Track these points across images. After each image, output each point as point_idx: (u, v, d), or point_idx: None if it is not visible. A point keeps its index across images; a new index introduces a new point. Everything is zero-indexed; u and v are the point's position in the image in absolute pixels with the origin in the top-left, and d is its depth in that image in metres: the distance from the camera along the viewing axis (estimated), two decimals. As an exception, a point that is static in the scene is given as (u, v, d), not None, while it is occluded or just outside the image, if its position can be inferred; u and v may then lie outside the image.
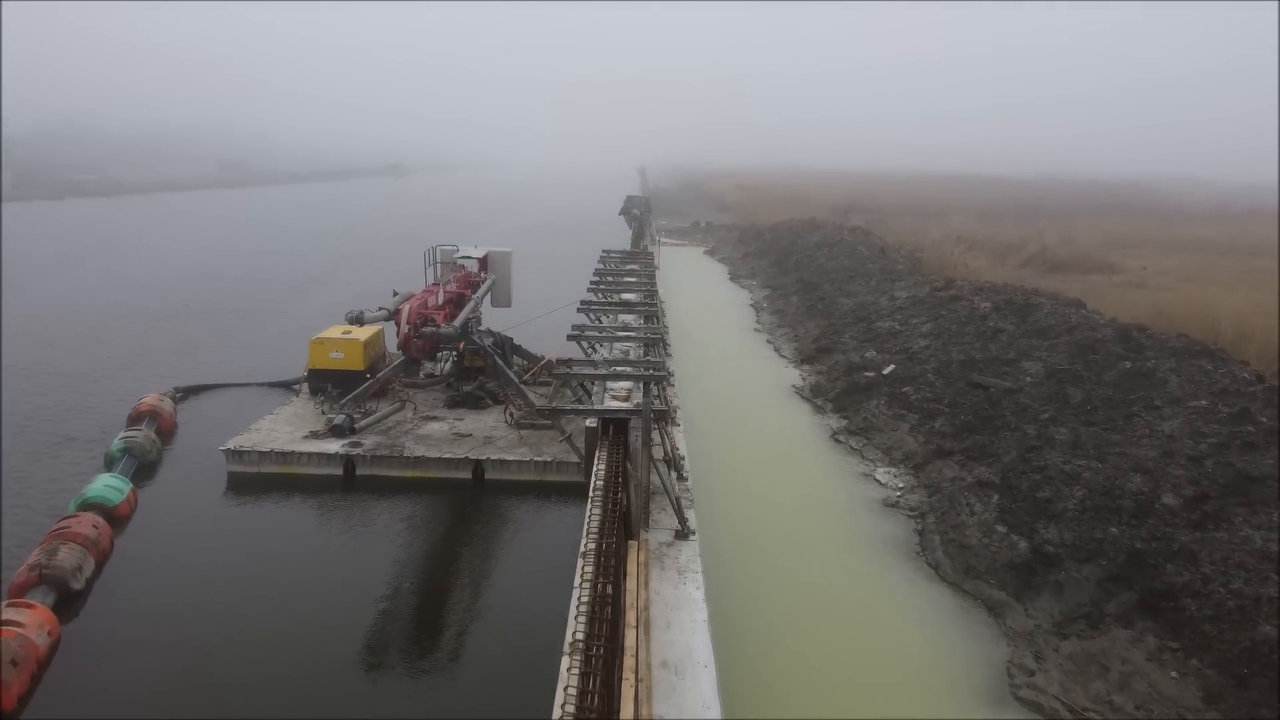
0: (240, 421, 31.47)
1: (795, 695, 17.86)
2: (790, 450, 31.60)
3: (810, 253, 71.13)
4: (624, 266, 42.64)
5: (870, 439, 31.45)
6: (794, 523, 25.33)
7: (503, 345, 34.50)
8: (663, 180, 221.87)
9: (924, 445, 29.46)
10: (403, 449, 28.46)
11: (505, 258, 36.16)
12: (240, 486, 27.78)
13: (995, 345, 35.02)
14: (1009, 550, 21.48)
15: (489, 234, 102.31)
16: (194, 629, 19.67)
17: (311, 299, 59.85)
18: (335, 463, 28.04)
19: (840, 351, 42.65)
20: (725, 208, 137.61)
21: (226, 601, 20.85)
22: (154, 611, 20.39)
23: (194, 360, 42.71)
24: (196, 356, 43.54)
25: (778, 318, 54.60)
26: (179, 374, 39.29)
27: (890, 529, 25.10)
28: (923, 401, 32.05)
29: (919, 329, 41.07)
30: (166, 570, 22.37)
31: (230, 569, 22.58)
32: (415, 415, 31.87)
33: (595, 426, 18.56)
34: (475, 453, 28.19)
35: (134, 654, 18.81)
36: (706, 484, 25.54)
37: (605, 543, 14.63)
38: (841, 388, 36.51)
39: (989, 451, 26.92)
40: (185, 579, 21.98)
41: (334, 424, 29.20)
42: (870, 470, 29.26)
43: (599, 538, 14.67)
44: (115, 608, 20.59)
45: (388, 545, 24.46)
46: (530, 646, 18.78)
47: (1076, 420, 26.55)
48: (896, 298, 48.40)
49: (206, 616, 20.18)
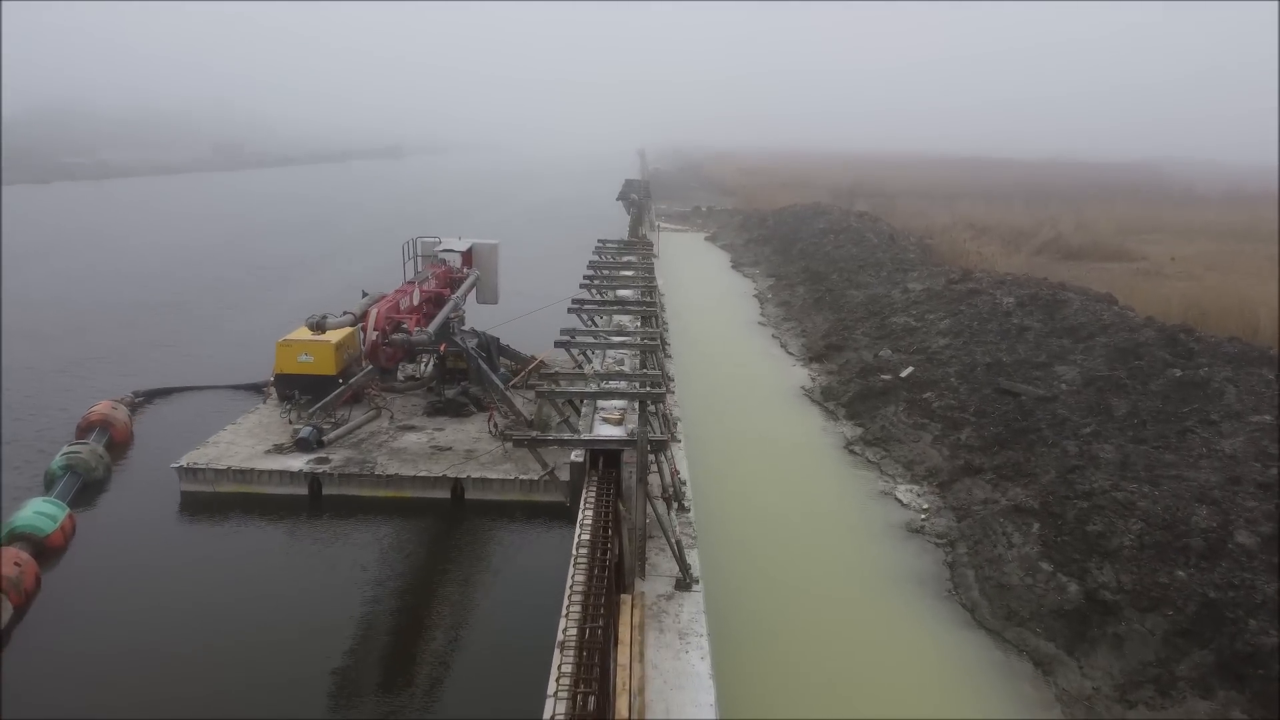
0: (206, 429, 28.85)
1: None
2: (802, 463, 28.90)
3: (816, 240, 68.23)
4: (620, 258, 39.85)
5: (889, 451, 28.75)
6: (810, 555, 22.65)
7: (488, 346, 31.77)
8: (662, 163, 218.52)
9: (949, 460, 26.74)
10: (374, 465, 25.77)
11: (491, 250, 33.35)
12: (195, 508, 25.10)
13: (1023, 346, 32.26)
14: (1057, 593, 18.80)
15: (484, 219, 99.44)
16: (130, 684, 17.06)
17: (299, 288, 57.05)
18: (299, 481, 25.35)
19: (852, 349, 39.89)
20: (726, 191, 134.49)
21: (167, 649, 18.23)
22: (83, 663, 17.76)
23: (163, 358, 39.96)
24: (166, 354, 40.77)
25: (783, 310, 51.81)
26: (144, 374, 36.58)
27: (916, 560, 22.42)
28: (946, 409, 29.31)
29: (936, 325, 38.30)
30: (100, 613, 19.68)
31: (174, 609, 19.95)
32: (391, 425, 29.17)
33: (582, 460, 15.86)
34: (455, 470, 25.50)
35: None
36: (711, 510, 22.88)
37: (590, 621, 11.94)
38: (855, 391, 33.77)
39: (1024, 470, 24.21)
40: (122, 622, 19.35)
41: (299, 437, 26.51)
42: (890, 487, 26.56)
43: (582, 616, 11.92)
44: (37, 662, 17.93)
45: (355, 578, 21.80)
46: (511, 701, 16.19)
47: (1123, 436, 23.83)
48: (910, 290, 45.59)
49: (144, 667, 17.61)
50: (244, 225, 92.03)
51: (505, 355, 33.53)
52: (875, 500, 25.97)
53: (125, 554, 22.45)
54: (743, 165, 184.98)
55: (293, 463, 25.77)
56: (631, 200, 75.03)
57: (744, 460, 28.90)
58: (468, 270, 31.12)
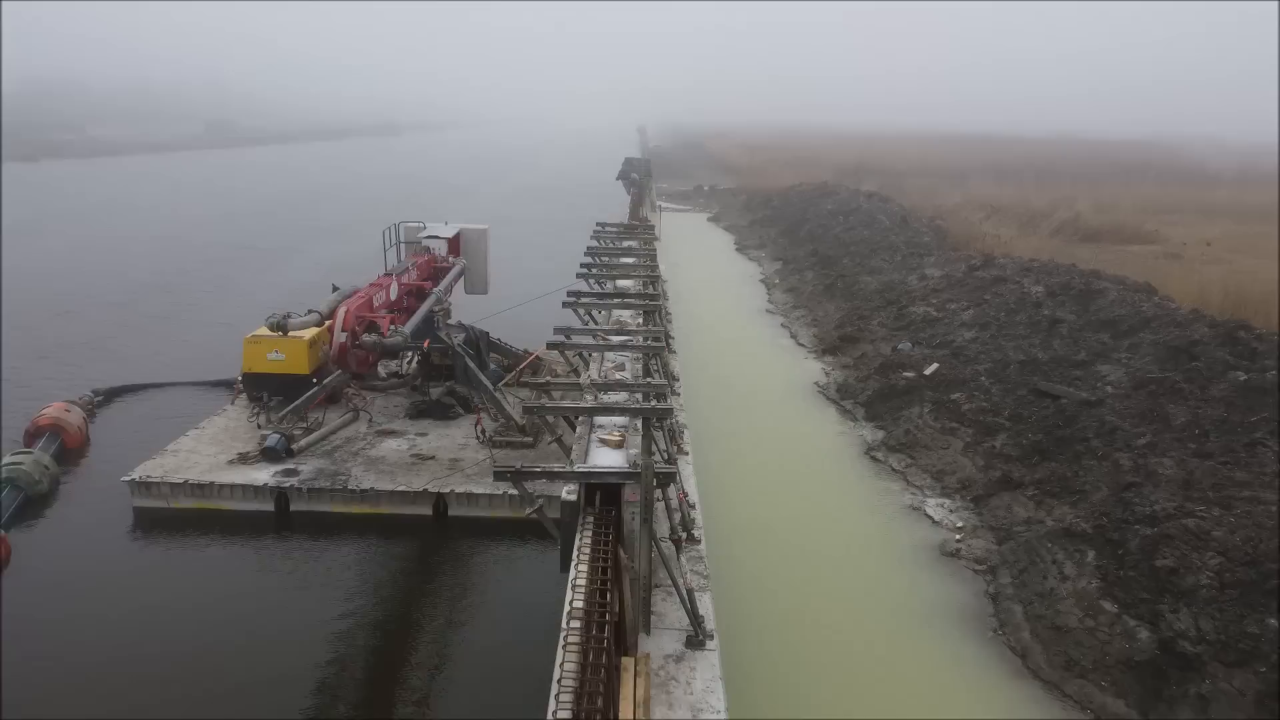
0: (170, 432, 26.36)
1: None
2: (819, 472, 26.40)
3: (824, 221, 65.49)
4: (620, 243, 37.19)
5: (915, 458, 26.23)
6: (834, 586, 20.16)
7: (476, 342, 29.16)
8: (662, 140, 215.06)
9: (984, 471, 24.23)
10: (348, 478, 23.25)
11: (480, 236, 30.71)
12: (149, 526, 22.62)
13: (1058, 341, 29.70)
14: (1125, 641, 16.33)
15: (479, 199, 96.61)
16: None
17: (284, 271, 54.44)
18: (264, 496, 22.83)
19: (868, 341, 37.31)
20: (728, 170, 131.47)
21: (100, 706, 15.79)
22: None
23: (133, 349, 37.43)
24: (135, 346, 38.18)
25: (792, 297, 49.16)
26: (111, 368, 34.03)
27: (953, 590, 19.96)
28: (977, 412, 26.78)
29: (959, 316, 35.71)
30: (33, 654, 17.22)
31: (118, 646, 17.60)
32: (370, 429, 26.65)
33: (575, 499, 13.33)
34: (437, 483, 22.98)
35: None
36: (723, 533, 20.39)
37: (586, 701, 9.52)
38: (875, 389, 31.21)
39: (1071, 486, 21.71)
40: (58, 662, 16.94)
41: (265, 445, 23.98)
42: (919, 501, 24.07)
43: (575, 700, 9.51)
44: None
45: (322, 613, 19.33)
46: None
47: (1183, 449, 21.31)
48: (928, 276, 42.98)
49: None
50: (230, 205, 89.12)
51: (496, 351, 30.94)
52: (902, 516, 23.47)
53: (67, 582, 19.93)
54: (744, 142, 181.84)
55: (258, 475, 23.25)
56: (632, 179, 72.10)
57: (757, 470, 26.39)
58: (453, 259, 28.47)
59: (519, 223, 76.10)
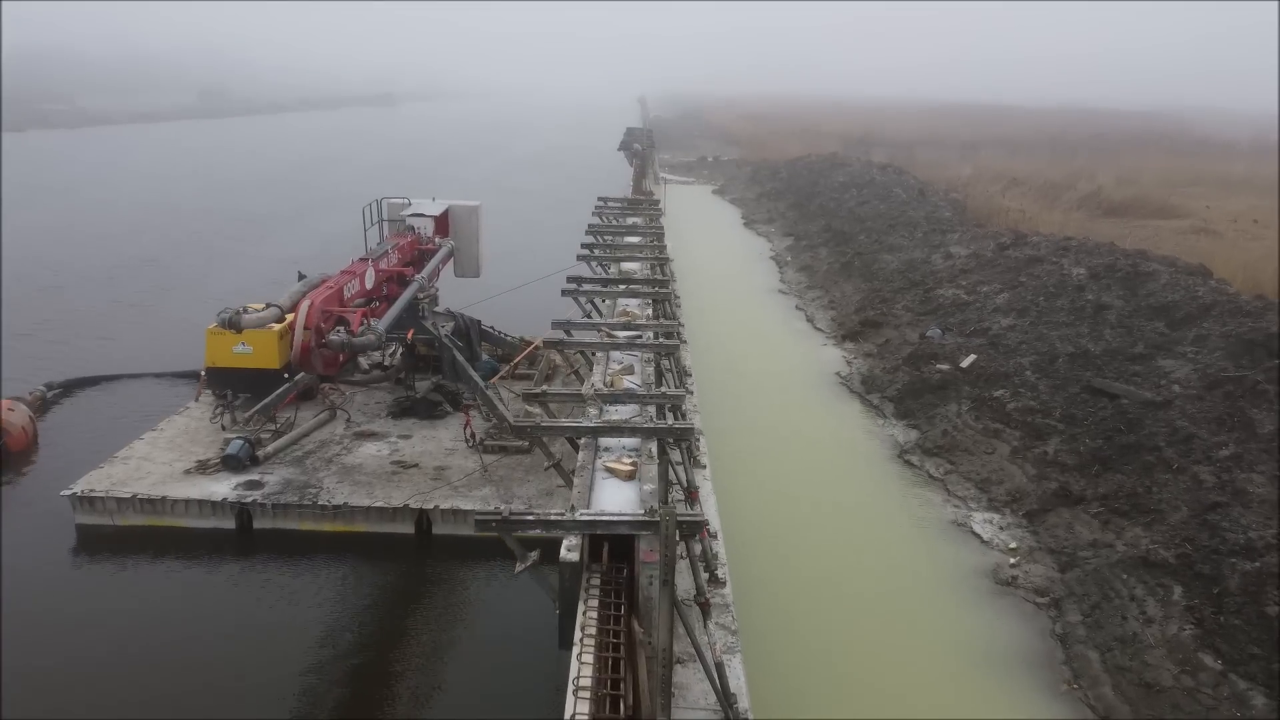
0: (127, 433, 23.70)
1: None
2: (850, 481, 23.70)
3: (836, 195, 62.44)
4: (624, 220, 34.35)
5: (955, 464, 23.50)
6: (879, 626, 17.49)
7: (467, 331, 26.46)
8: (663, 110, 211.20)
9: (1037, 481, 21.52)
10: (319, 491, 20.53)
11: (471, 214, 27.80)
12: (93, 546, 19.95)
13: (1109, 331, 26.91)
14: (1235, 707, 13.69)
15: (477, 169, 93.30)
16: None
17: (274, 245, 51.54)
18: (224, 513, 20.14)
19: (892, 326, 34.50)
20: (731, 140, 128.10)
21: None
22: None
23: (99, 337, 34.60)
24: (103, 332, 35.37)
25: (806, 276, 46.26)
26: (71, 359, 31.28)
27: (1014, 628, 17.31)
28: (1024, 412, 24.03)
29: (992, 300, 32.89)
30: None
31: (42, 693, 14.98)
32: (348, 430, 23.95)
33: (577, 558, 10.61)
34: (420, 498, 20.27)
35: None
36: (748, 567, 17.73)
37: None
38: (905, 383, 28.44)
39: (1143, 504, 19.01)
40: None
41: (226, 453, 21.25)
42: (963, 515, 21.37)
43: None
44: None
45: (290, 644, 16.79)
46: None
47: (1274, 462, 18.59)
48: (954, 255, 40.09)
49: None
50: (222, 176, 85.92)
51: (489, 341, 28.23)
52: (947, 534, 20.80)
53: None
54: (746, 112, 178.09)
55: (217, 487, 20.54)
56: (634, 151, 68.91)
57: (779, 480, 23.70)
58: (440, 241, 25.58)
59: (516, 194, 73.12)
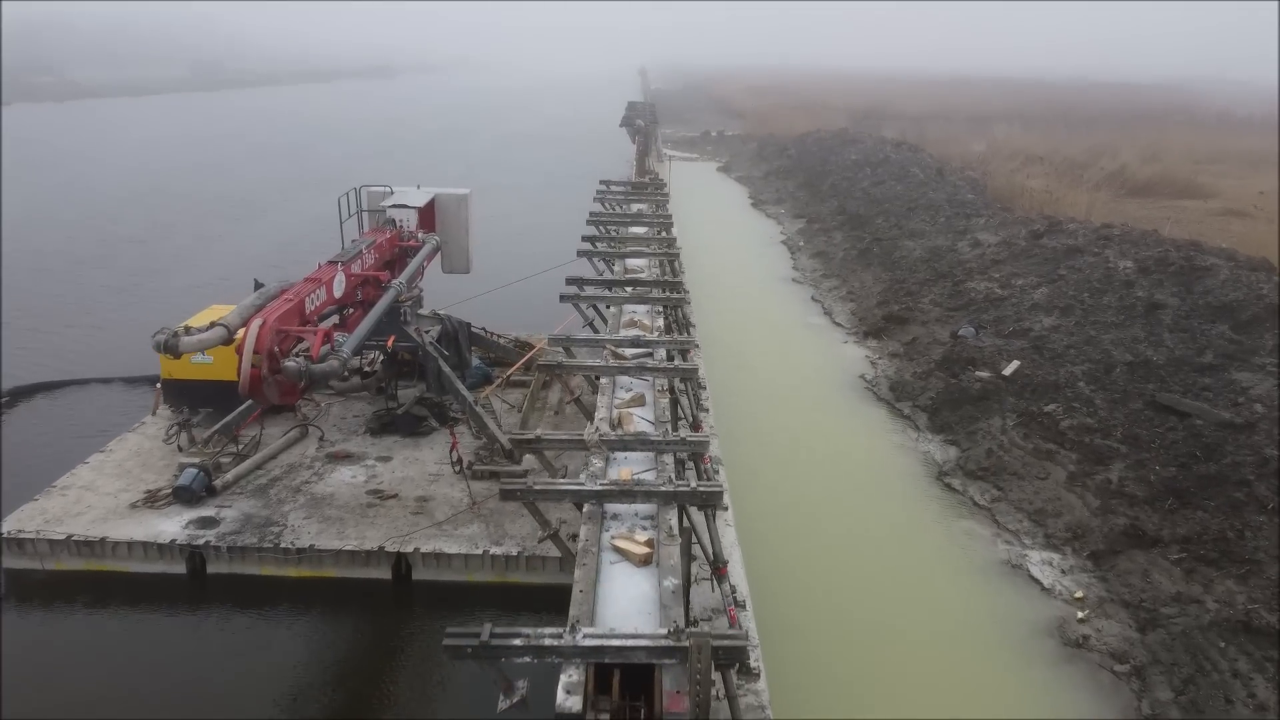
0: (78, 451, 21.14)
1: None
2: (884, 509, 21.07)
3: (849, 174, 59.48)
4: (629, 207, 31.64)
5: (1004, 489, 20.89)
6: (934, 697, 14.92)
7: (455, 335, 23.74)
8: (664, 82, 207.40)
9: (1101, 515, 18.92)
10: (283, 529, 17.93)
11: (460, 203, 25.00)
12: (24, 594, 17.37)
13: (1170, 336, 24.23)
14: (1389, 835, 11.16)
15: (473, 143, 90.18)
16: None
17: (261, 228, 48.75)
18: (172, 556, 17.54)
19: (919, 322, 31.80)
20: (735, 114, 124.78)
21: None
22: None
23: (58, 336, 31.98)
24: (63, 330, 32.73)
25: (821, 263, 43.48)
26: (25, 359, 28.69)
27: (1089, 701, 14.73)
28: (1081, 431, 21.39)
29: (1030, 295, 30.18)
30: None
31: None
32: (320, 450, 21.32)
33: (579, 706, 7.96)
34: (398, 540, 17.64)
35: None
36: (769, 607, 15.14)
37: None
38: (939, 391, 25.79)
39: (1234, 551, 16.42)
40: None
41: (178, 484, 18.63)
42: (1017, 553, 18.78)
43: None
44: None
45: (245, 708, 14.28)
46: None
47: (1390, 504, 16.00)
48: (982, 243, 37.31)
49: None
50: (211, 153, 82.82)
51: (481, 344, 25.55)
52: (1000, 577, 18.22)
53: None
54: (749, 84, 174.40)
55: (166, 525, 17.93)
56: (637, 127, 65.89)
57: (800, 501, 21.11)
58: (423, 236, 22.80)
59: (514, 172, 70.24)
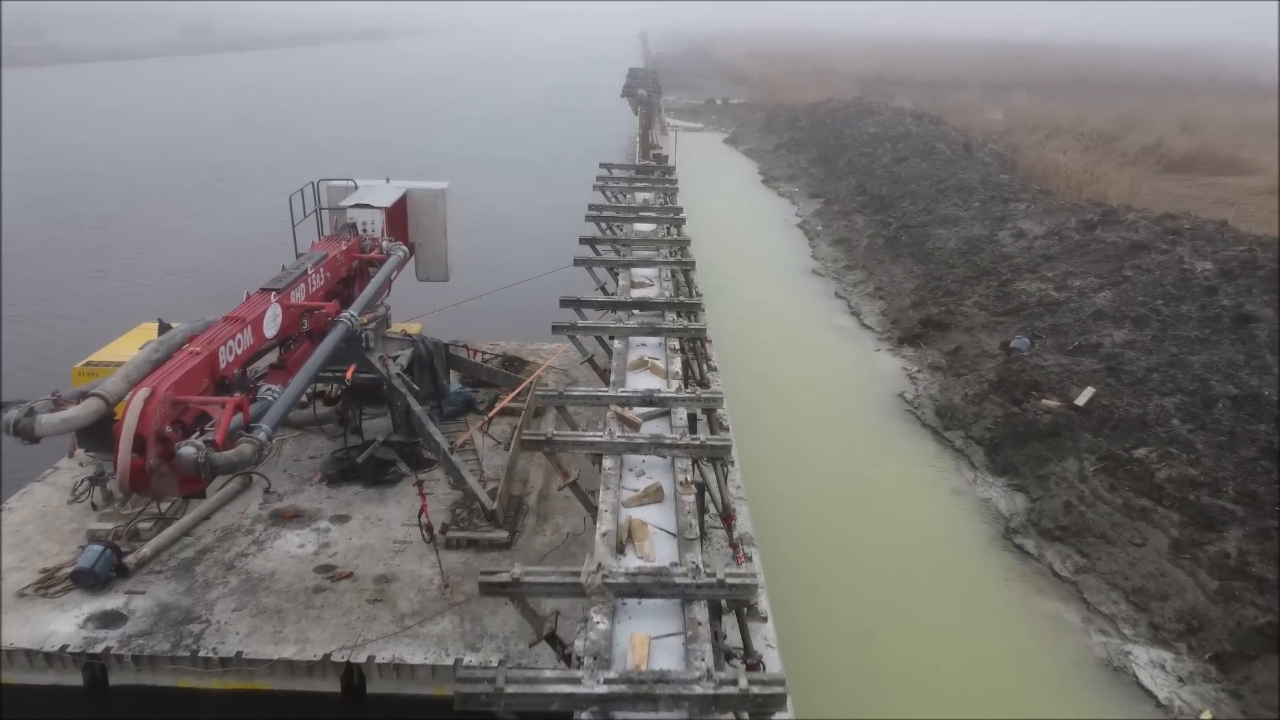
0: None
1: None
2: (939, 567, 17.53)
3: (868, 149, 55.42)
4: (633, 197, 27.77)
5: (1090, 557, 17.28)
6: None
7: (430, 360, 19.95)
8: (665, 46, 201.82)
9: (1222, 602, 15.32)
10: (205, 628, 14.30)
11: (436, 200, 21.21)
12: (-122, 712, 13.86)
13: (1276, 359, 20.52)
14: None
15: (467, 112, 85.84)
16: None
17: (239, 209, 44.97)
18: (66, 667, 13.93)
19: (962, 328, 28.07)
20: (740, 80, 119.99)
21: None
22: None
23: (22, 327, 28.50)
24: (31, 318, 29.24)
25: (843, 251, 39.62)
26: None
27: None
28: (1183, 485, 17.75)
29: (1091, 300, 26.43)
30: None
31: None
32: (264, 506, 17.66)
33: None
34: (347, 648, 13.99)
35: None
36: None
37: None
38: (997, 421, 22.10)
39: None
40: None
41: (77, 566, 14.97)
42: (1117, 649, 15.21)
43: None
44: None
45: None
46: None
47: None
48: (1025, 233, 33.47)
49: None
50: (197, 123, 78.56)
51: (460, 367, 21.76)
52: (1097, 681, 14.67)
53: None
54: (755, 49, 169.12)
55: (58, 623, 14.28)
56: (639, 97, 61.69)
57: (836, 555, 17.58)
58: (389, 245, 18.95)
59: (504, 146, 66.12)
